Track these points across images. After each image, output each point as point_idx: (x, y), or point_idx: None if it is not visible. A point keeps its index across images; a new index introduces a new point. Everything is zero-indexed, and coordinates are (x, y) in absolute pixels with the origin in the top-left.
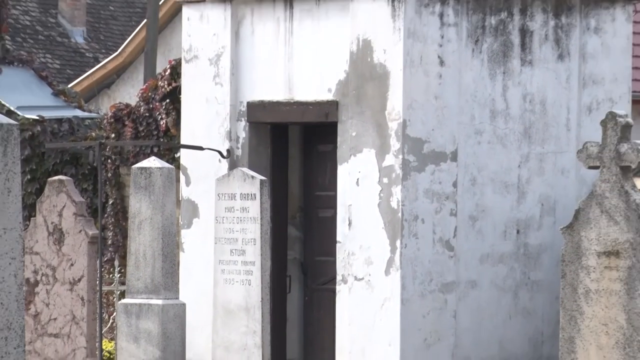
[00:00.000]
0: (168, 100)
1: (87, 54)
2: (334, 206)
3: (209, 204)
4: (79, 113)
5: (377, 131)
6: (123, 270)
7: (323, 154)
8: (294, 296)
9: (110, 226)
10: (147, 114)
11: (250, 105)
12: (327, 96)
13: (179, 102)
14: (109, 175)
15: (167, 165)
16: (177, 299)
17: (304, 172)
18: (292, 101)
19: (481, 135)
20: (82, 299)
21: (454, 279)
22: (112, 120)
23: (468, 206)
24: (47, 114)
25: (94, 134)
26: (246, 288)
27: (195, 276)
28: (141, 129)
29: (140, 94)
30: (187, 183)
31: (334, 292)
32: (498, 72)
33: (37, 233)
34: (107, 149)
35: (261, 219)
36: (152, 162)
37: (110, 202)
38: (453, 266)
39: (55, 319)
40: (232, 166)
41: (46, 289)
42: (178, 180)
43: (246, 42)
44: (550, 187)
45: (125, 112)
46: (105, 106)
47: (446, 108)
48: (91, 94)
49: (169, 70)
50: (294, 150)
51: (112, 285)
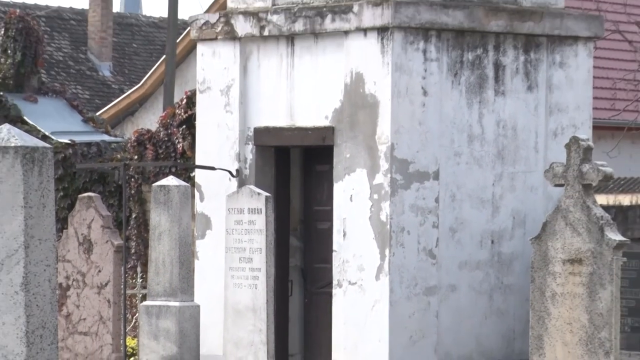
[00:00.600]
0: (184, 126)
1: (113, 86)
2: (330, 219)
3: (221, 217)
4: (106, 137)
5: (368, 153)
6: (144, 276)
7: (321, 173)
8: (295, 298)
9: (133, 237)
10: (166, 139)
11: (257, 130)
12: (324, 122)
13: (193, 127)
14: (133, 192)
15: (184, 183)
16: (192, 301)
17: (304, 189)
18: (293, 127)
19: (460, 157)
20: (108, 301)
21: (436, 283)
22: (135, 144)
23: (448, 219)
24: (78, 139)
25: (119, 156)
26: (253, 291)
27: (208, 281)
28: (161, 151)
29: (160, 121)
30: (201, 199)
31: (330, 295)
32: (474, 101)
33: (69, 243)
34: (130, 169)
35: (266, 230)
36: (170, 180)
37: (134, 216)
38: (435, 272)
39: (84, 319)
40: (241, 184)
41: (77, 293)
42: (193, 196)
43: (253, 75)
44: (520, 202)
45: (146, 136)
46: (129, 131)
47: (429, 133)
48: (117, 120)
49: (185, 100)
50: (295, 170)
51: (135, 289)
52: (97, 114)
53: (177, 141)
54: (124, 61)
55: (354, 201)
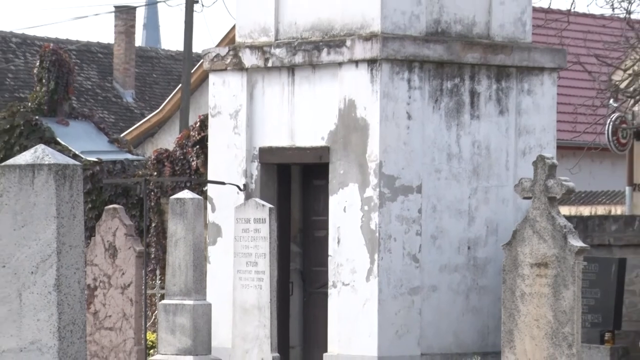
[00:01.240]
0: (198, 146)
1: (135, 111)
2: (326, 228)
3: (230, 226)
4: (129, 156)
5: (359, 170)
6: (162, 278)
7: (318, 187)
8: (295, 298)
9: (153, 244)
10: (182, 157)
11: (262, 150)
12: (320, 143)
13: (206, 147)
14: (152, 204)
15: (197, 196)
16: (205, 300)
17: (303, 201)
18: (293, 147)
19: (440, 173)
20: (131, 300)
21: (419, 284)
22: (154, 161)
23: (430, 228)
24: (104, 157)
25: (140, 172)
26: (258, 291)
27: (219, 282)
28: (177, 168)
29: (176, 142)
30: (213, 210)
31: (326, 295)
32: (453, 124)
33: (96, 249)
34: (150, 184)
35: (270, 238)
36: (186, 194)
37: (153, 225)
38: (418, 274)
39: (110, 316)
40: (247, 197)
41: (103, 293)
42: (205, 208)
43: (258, 101)
44: (493, 213)
45: (164, 155)
46: (149, 151)
47: (413, 152)
48: (138, 141)
49: (198, 123)
50: (295, 185)
51: (154, 290)
52: (121, 135)
53: (192, 159)
54: (145, 89)
55: (347, 212)
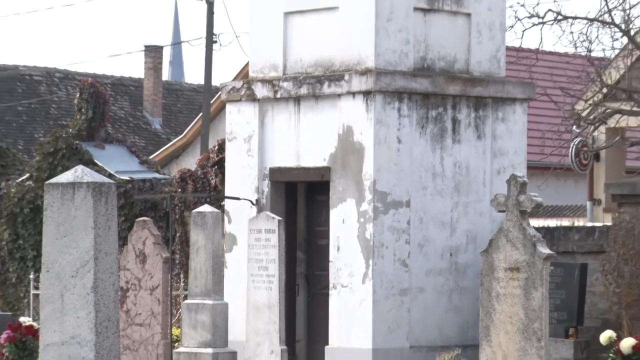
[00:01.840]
0: (216, 167)
1: (162, 136)
2: (327, 237)
3: (244, 236)
4: (156, 175)
5: (356, 187)
6: (186, 281)
7: (320, 202)
8: (300, 298)
9: (177, 251)
10: (203, 176)
11: (271, 169)
12: (322, 163)
13: (223, 167)
14: (177, 217)
15: (216, 210)
16: (222, 300)
17: (307, 214)
18: (299, 167)
19: (426, 190)
20: (158, 300)
21: (408, 286)
22: (179, 180)
23: (417, 237)
24: (135, 176)
25: (166, 189)
26: (268, 292)
27: (235, 284)
28: (198, 185)
29: (198, 163)
30: (229, 222)
31: (327, 295)
32: (437, 147)
33: (128, 256)
34: (175, 199)
35: (279, 246)
36: (206, 208)
37: (178, 235)
38: (407, 277)
39: (140, 313)
40: (259, 211)
41: (134, 294)
42: (223, 220)
43: (268, 127)
44: (472, 224)
45: (187, 174)
46: (174, 171)
47: (402, 171)
48: (165, 162)
49: (217, 147)
50: (301, 200)
51: (178, 291)
52: (150, 157)
53: (211, 178)
54: (171, 117)
55: (345, 223)
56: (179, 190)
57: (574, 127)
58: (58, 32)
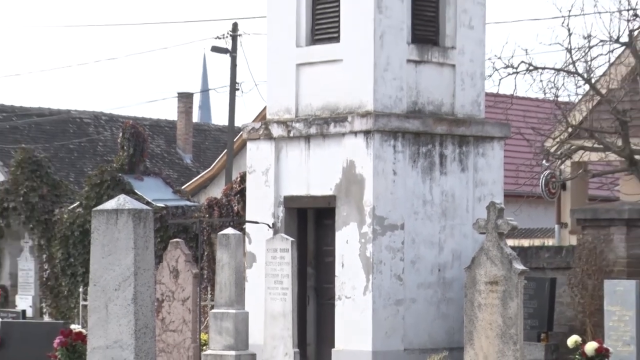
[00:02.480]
0: (239, 195)
1: (192, 170)
2: (333, 255)
3: (262, 254)
4: (187, 203)
5: (358, 212)
6: (212, 293)
7: (327, 225)
8: (311, 307)
9: (205, 267)
10: (227, 203)
11: (285, 197)
12: (329, 192)
13: (245, 196)
14: (205, 238)
15: (238, 232)
16: (244, 309)
17: (316, 236)
18: (309, 195)
19: (417, 215)
20: (188, 309)
21: (402, 297)
22: (206, 207)
23: (410, 255)
24: (169, 204)
25: (196, 215)
26: (283, 303)
27: (254, 296)
28: (223, 211)
29: (223, 192)
30: (250, 242)
31: (333, 305)
32: (427, 178)
33: (163, 272)
34: (204, 223)
35: (292, 263)
36: (230, 230)
37: (205, 253)
38: (402, 290)
39: (173, 321)
40: (275, 233)
41: (168, 304)
42: (244, 241)
43: (283, 162)
44: (457, 244)
45: (214, 202)
46: (202, 199)
47: (397, 199)
48: (195, 192)
49: (239, 178)
50: (310, 223)
51: (206, 302)
52: (182, 187)
53: (234, 205)
54: (200, 153)
55: (348, 243)
56: (207, 216)
57: (543, 161)
58: (104, 82)
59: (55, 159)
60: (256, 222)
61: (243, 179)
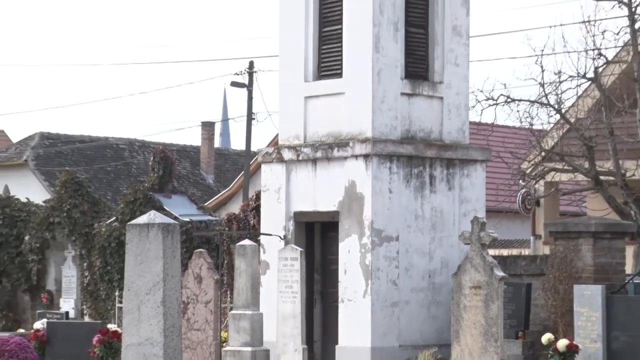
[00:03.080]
0: (254, 211)
1: (214, 189)
2: (337, 263)
3: (275, 263)
4: (210, 218)
5: (358, 226)
6: (231, 297)
7: (332, 237)
8: (317, 309)
9: (225, 274)
10: (244, 218)
11: (295, 213)
12: (333, 208)
13: (260, 212)
14: (225, 248)
15: (254, 243)
16: (259, 311)
17: (322, 246)
18: (316, 211)
19: (410, 228)
20: (210, 311)
21: (397, 300)
22: (226, 221)
23: (404, 263)
24: (194, 219)
25: (217, 228)
26: (293, 305)
27: (268, 299)
28: (241, 225)
29: (240, 208)
30: (264, 252)
31: (337, 307)
32: (418, 196)
33: (188, 278)
34: (224, 236)
35: (300, 270)
36: (246, 242)
37: (225, 262)
38: (397, 294)
39: (197, 321)
40: (286, 244)
41: (193, 306)
42: (259, 251)
43: (293, 182)
44: (446, 254)
45: (233, 217)
46: (223, 214)
47: (393, 215)
48: (216, 208)
49: (254, 196)
50: (317, 235)
51: (226, 304)
52: (205, 204)
53: (250, 219)
54: (221, 175)
55: (350, 253)
56: (227, 229)
57: (520, 181)
58: (138, 112)
59: (95, 180)
60: (269, 235)
61: (258, 196)
